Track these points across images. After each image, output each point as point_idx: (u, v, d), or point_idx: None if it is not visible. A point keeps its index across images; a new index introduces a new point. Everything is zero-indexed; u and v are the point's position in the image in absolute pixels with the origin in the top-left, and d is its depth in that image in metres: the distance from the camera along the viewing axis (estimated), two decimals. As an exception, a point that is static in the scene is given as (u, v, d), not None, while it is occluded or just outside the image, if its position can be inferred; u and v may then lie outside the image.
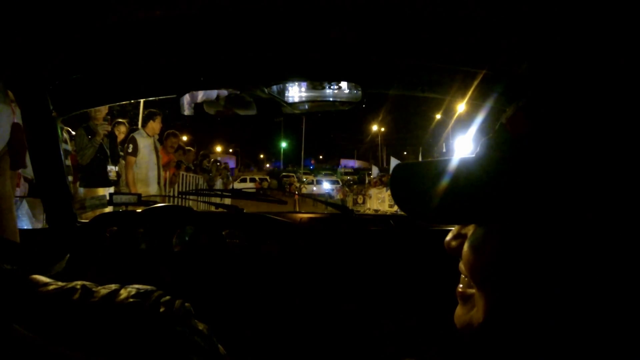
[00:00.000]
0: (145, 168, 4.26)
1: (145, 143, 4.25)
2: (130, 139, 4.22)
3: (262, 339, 1.15)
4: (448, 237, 0.39)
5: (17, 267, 0.41)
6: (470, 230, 0.36)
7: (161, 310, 0.39)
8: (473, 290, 0.36)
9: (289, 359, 1.15)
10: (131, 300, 0.40)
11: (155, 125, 4.36)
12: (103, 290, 0.41)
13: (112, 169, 3.85)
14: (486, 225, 0.34)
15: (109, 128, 3.78)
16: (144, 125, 4.53)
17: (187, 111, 1.38)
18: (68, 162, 3.37)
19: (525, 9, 0.82)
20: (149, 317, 0.39)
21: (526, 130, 0.35)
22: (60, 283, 0.41)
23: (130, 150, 4.15)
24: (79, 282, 0.41)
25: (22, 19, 0.86)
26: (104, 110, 3.69)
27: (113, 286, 0.41)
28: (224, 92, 1.39)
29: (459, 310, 0.38)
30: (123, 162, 4.29)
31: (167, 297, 0.41)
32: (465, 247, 0.35)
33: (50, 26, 0.92)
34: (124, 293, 0.40)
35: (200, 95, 1.39)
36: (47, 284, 0.40)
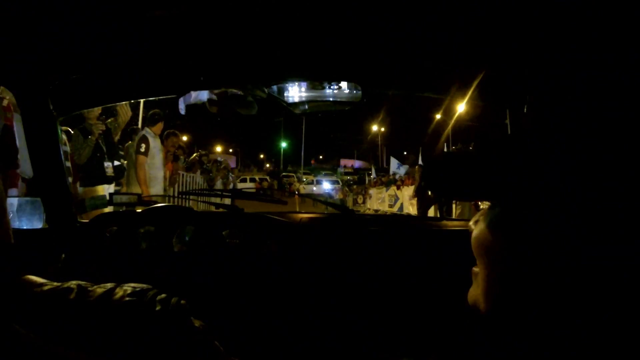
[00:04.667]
0: (154, 168, 4.23)
1: (154, 143, 4.23)
2: (141, 138, 4.14)
3: (261, 338, 1.15)
4: (471, 222, 0.44)
5: (11, 268, 0.41)
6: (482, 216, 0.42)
7: (157, 308, 0.39)
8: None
9: (288, 358, 1.15)
10: (127, 299, 0.40)
11: (161, 126, 4.33)
12: (99, 289, 0.41)
13: (109, 165, 3.82)
14: (490, 209, 0.40)
15: (104, 127, 3.77)
16: (147, 125, 4.48)
17: (186, 111, 1.39)
18: (68, 163, 3.35)
19: (525, 9, 0.82)
20: (145, 316, 0.39)
21: (527, 129, 0.36)
22: (55, 283, 0.41)
23: (142, 149, 4.06)
24: (74, 282, 0.41)
25: (21, 18, 0.86)
26: (97, 109, 3.66)
27: (109, 285, 0.41)
28: (224, 92, 1.39)
29: (471, 289, 0.43)
30: (124, 160, 4.28)
31: (163, 295, 0.41)
32: (477, 228, 0.41)
33: (50, 26, 0.92)
34: (119, 292, 0.40)
35: (200, 95, 1.39)
36: (42, 284, 0.40)
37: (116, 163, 4.00)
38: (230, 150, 38.64)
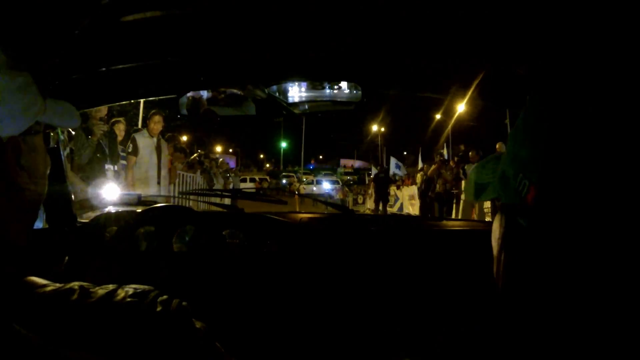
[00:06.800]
0: (145, 168, 4.26)
1: (145, 143, 4.25)
2: (131, 138, 4.27)
3: (262, 338, 1.15)
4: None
5: (15, 269, 0.41)
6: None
7: (158, 309, 0.39)
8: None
9: (289, 358, 1.15)
10: (129, 300, 0.40)
11: (155, 126, 4.35)
12: (101, 290, 0.41)
13: (109, 167, 3.84)
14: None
15: (106, 127, 3.77)
16: (145, 125, 4.56)
17: (186, 111, 1.39)
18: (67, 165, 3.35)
19: (525, 9, 0.82)
20: (146, 317, 0.39)
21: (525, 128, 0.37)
22: (57, 284, 0.41)
23: (130, 149, 4.20)
24: (77, 283, 0.41)
25: (21, 18, 0.86)
26: (103, 110, 3.69)
27: (111, 286, 0.42)
28: (223, 92, 1.39)
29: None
30: (123, 161, 4.30)
31: (165, 297, 0.41)
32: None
33: (50, 26, 0.92)
34: (121, 293, 0.40)
35: (200, 95, 1.39)
36: (44, 286, 0.40)
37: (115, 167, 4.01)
38: (230, 150, 38.61)
